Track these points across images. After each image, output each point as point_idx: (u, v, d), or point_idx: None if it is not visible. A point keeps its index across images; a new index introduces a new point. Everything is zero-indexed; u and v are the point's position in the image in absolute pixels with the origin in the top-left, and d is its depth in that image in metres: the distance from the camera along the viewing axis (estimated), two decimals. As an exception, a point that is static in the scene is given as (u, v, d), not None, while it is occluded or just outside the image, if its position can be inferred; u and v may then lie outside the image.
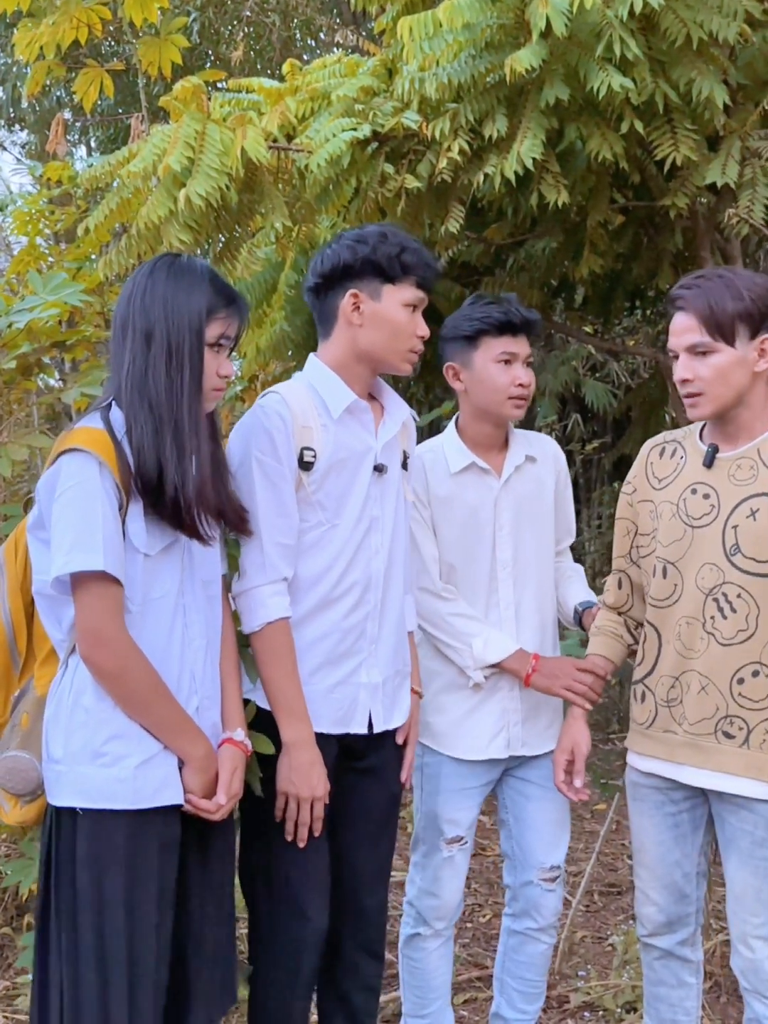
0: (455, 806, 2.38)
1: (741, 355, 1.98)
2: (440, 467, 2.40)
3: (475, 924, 3.51)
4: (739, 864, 2.04)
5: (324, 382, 2.04)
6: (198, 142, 2.79)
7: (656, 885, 2.18)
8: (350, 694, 2.03)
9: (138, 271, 1.83)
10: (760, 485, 2.00)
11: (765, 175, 2.87)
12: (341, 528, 2.01)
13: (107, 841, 1.66)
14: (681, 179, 2.99)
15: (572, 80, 2.70)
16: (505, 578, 2.37)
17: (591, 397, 6.34)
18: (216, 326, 1.79)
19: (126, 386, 1.75)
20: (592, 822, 4.45)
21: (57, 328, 2.51)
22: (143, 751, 1.70)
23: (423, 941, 2.45)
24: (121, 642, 1.68)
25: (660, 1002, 2.27)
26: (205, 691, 1.82)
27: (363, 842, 2.11)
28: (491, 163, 2.80)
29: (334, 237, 2.09)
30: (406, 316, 2.03)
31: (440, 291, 3.78)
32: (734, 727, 2.00)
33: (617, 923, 3.51)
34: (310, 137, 2.92)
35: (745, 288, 1.97)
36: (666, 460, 2.16)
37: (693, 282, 2.02)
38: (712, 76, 2.71)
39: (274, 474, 1.95)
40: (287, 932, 1.99)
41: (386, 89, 3.06)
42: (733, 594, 1.99)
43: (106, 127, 7.94)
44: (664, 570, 2.09)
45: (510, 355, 2.31)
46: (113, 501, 1.68)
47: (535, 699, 2.37)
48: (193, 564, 1.81)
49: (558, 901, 2.46)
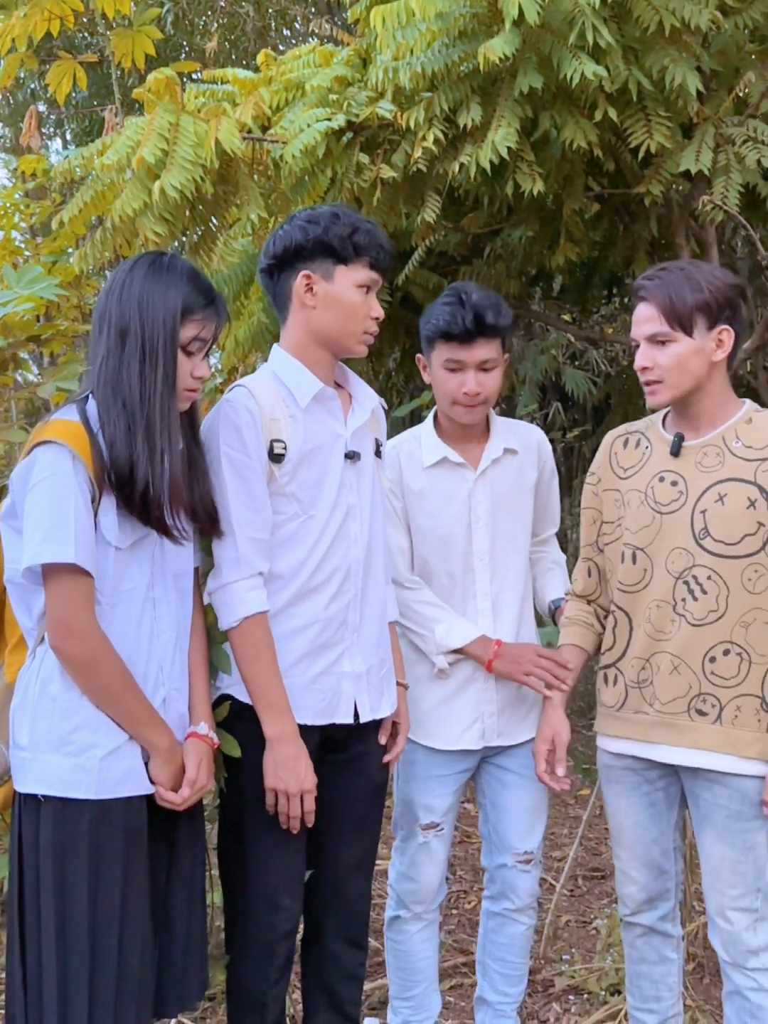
0: (430, 793, 2.40)
1: (699, 345, 2.05)
2: (416, 459, 2.41)
3: (460, 910, 3.53)
4: (715, 838, 2.09)
5: (288, 371, 2.03)
6: (172, 134, 2.78)
7: (636, 864, 2.23)
8: (333, 684, 2.03)
9: (120, 266, 1.82)
10: (727, 471, 2.06)
11: (739, 161, 2.88)
12: (317, 518, 2.00)
13: (71, 828, 1.67)
14: (656, 166, 3.00)
15: (545, 68, 2.71)
16: (482, 569, 2.37)
17: (571, 385, 6.35)
18: (191, 328, 1.79)
19: (100, 381, 1.76)
20: (576, 807, 4.49)
21: (32, 322, 2.50)
22: (109, 741, 1.72)
23: (404, 924, 2.48)
24: (90, 633, 1.69)
25: (643, 979, 2.31)
26: (173, 683, 1.83)
27: (345, 833, 2.11)
28: (466, 152, 2.80)
29: (286, 218, 2.08)
30: (360, 297, 2.02)
31: (418, 281, 3.79)
32: (707, 705, 2.06)
33: (601, 907, 3.53)
34: (284, 128, 2.91)
35: (705, 281, 2.05)
36: (630, 450, 2.23)
37: (656, 274, 2.09)
38: (685, 63, 2.72)
39: (244, 469, 1.94)
40: (261, 920, 2.00)
41: (360, 79, 3.05)
42: (703, 576, 2.05)
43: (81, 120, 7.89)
44: (633, 556, 2.15)
45: (456, 363, 2.29)
46: (86, 494, 1.69)
47: (512, 690, 2.38)
48: (165, 558, 1.82)
49: (534, 882, 2.48)
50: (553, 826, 4.25)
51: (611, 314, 6.34)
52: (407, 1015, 2.52)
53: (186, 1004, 1.90)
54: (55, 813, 1.68)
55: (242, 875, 2.01)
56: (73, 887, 1.66)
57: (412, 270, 3.62)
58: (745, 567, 2.03)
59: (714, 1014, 2.74)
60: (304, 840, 2.02)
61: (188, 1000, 1.89)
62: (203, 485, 1.90)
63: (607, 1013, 2.78)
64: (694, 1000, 2.75)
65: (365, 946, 2.23)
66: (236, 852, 2.03)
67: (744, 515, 2.03)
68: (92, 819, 1.68)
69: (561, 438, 7.10)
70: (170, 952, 1.83)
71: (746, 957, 2.09)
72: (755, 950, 2.09)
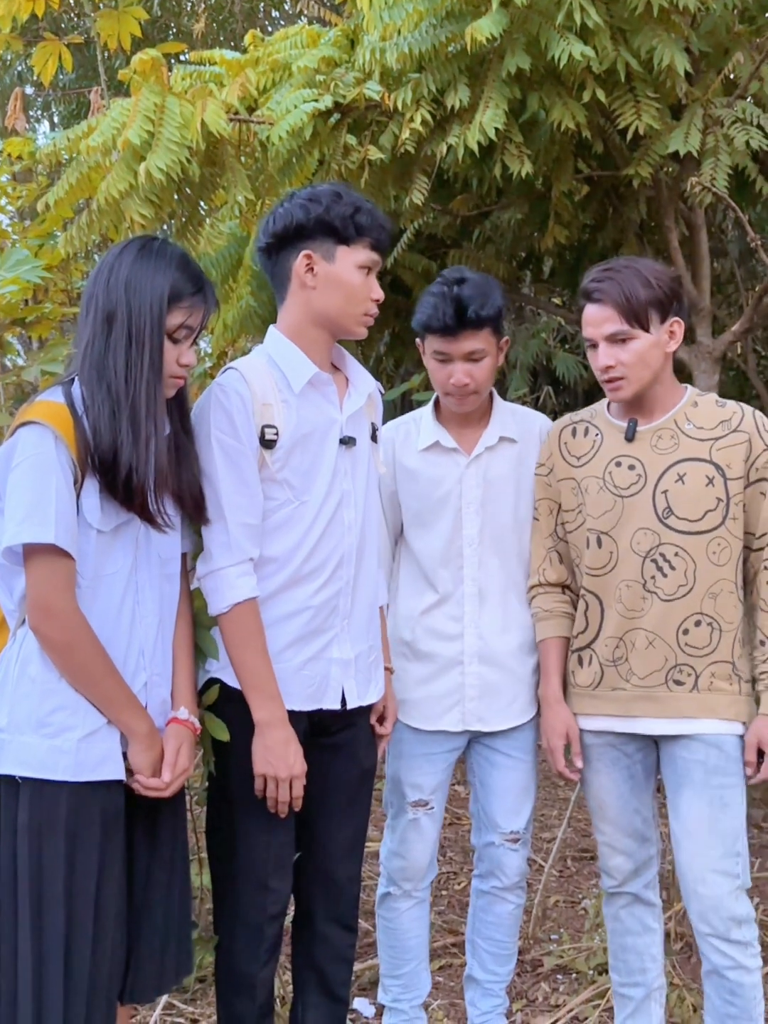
0: (418, 771, 2.41)
1: (655, 339, 2.14)
2: (412, 441, 2.41)
3: (450, 891, 3.55)
4: (692, 797, 2.14)
5: (284, 355, 2.01)
6: (157, 115, 2.77)
7: (621, 836, 2.29)
8: (321, 670, 2.02)
9: (111, 249, 1.80)
10: (683, 451, 2.16)
11: (728, 143, 2.88)
12: (310, 504, 1.98)
13: (48, 811, 1.67)
14: (644, 148, 2.99)
15: (533, 49, 2.70)
16: (471, 555, 2.37)
17: (562, 369, 6.33)
18: (178, 315, 1.77)
19: (86, 365, 1.75)
20: (565, 789, 4.51)
21: (16, 305, 2.49)
22: (87, 724, 1.71)
23: (394, 901, 2.49)
24: (70, 615, 1.69)
25: (628, 952, 2.35)
26: (155, 668, 1.83)
27: (334, 817, 2.11)
28: (454, 134, 2.80)
29: (286, 195, 2.04)
30: (360, 278, 1.99)
31: (407, 264, 3.78)
32: (683, 674, 2.16)
33: (589, 887, 3.55)
34: (271, 109, 2.90)
35: (653, 277, 2.14)
36: (579, 439, 2.29)
37: (604, 275, 2.16)
38: (673, 44, 2.71)
39: (235, 453, 1.92)
40: (251, 902, 2.00)
41: (348, 60, 3.04)
42: (671, 553, 2.15)
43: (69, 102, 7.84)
44: (598, 540, 2.22)
45: (442, 355, 2.28)
46: (68, 475, 1.68)
47: (495, 676, 2.38)
48: (150, 542, 1.81)
49: (521, 860, 2.50)
50: (542, 808, 4.27)
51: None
52: (397, 993, 2.53)
53: (162, 989, 1.91)
54: (32, 795, 1.67)
55: (231, 857, 2.01)
56: (49, 869, 1.66)
57: (401, 253, 3.61)
58: (709, 541, 2.13)
59: (701, 993, 2.76)
60: (293, 823, 2.02)
61: (165, 985, 1.90)
62: (190, 472, 1.88)
63: (595, 992, 2.79)
64: (681, 979, 2.77)
65: (355, 928, 2.24)
66: (225, 834, 2.02)
67: (704, 492, 2.13)
68: (69, 801, 1.68)
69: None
70: (148, 937, 1.82)
71: (729, 927, 2.11)
72: (737, 919, 2.11)
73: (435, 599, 2.38)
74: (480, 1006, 2.56)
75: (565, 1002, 2.80)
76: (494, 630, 2.38)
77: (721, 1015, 2.17)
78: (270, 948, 2.04)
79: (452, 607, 2.38)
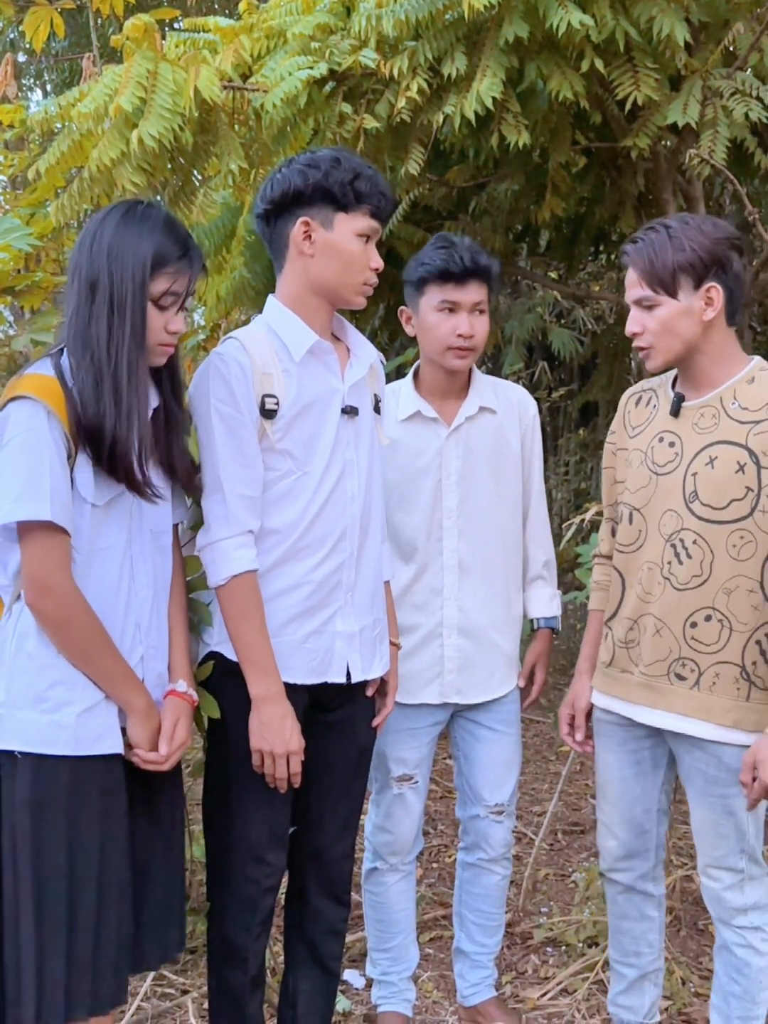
0: (402, 746, 2.41)
1: (685, 306, 1.99)
2: (391, 411, 2.38)
3: (440, 864, 3.56)
4: (697, 800, 2.10)
5: (283, 324, 1.98)
6: (150, 81, 2.73)
7: (617, 819, 2.24)
8: (325, 643, 2.00)
9: (95, 215, 1.77)
10: (720, 433, 2.01)
11: (726, 115, 2.85)
12: (312, 475, 1.96)
13: (48, 786, 1.66)
14: (643, 119, 2.97)
15: (531, 17, 2.66)
16: (450, 527, 2.36)
17: (557, 344, 6.32)
18: (162, 281, 1.73)
19: (71, 335, 1.72)
20: (556, 763, 4.52)
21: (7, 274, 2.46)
22: (85, 699, 1.70)
23: (381, 875, 2.50)
24: (66, 591, 1.67)
25: (623, 935, 2.34)
26: (151, 641, 1.82)
27: (330, 793, 2.10)
28: (451, 103, 2.77)
29: (283, 161, 2.00)
30: (359, 247, 1.95)
31: (402, 235, 3.75)
32: (686, 669, 2.04)
33: (579, 861, 3.57)
34: (265, 76, 2.86)
35: (688, 239, 1.98)
36: (641, 408, 2.19)
37: (639, 235, 2.05)
38: (673, 14, 2.68)
39: (235, 424, 1.89)
40: (246, 875, 2.00)
41: (343, 27, 2.99)
42: (689, 540, 2.02)
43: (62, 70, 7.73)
44: (631, 516, 2.13)
45: (451, 304, 2.27)
46: (61, 450, 1.66)
47: (474, 649, 2.38)
48: (142, 515, 1.80)
49: (506, 832, 2.51)
50: (533, 781, 4.28)
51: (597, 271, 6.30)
52: (385, 966, 2.55)
53: (167, 956, 1.91)
54: (32, 770, 1.67)
55: (228, 830, 2.00)
56: (50, 844, 1.65)
57: (396, 225, 3.58)
58: (730, 532, 1.99)
59: (690, 966, 2.78)
60: (290, 797, 2.01)
61: (169, 952, 1.90)
62: (181, 441, 1.86)
63: (584, 965, 2.81)
64: (671, 952, 2.78)
65: (348, 903, 2.25)
66: (222, 808, 2.01)
67: (732, 479, 1.98)
68: (69, 776, 1.67)
69: (547, 397, 7.08)
70: (151, 907, 1.83)
71: (731, 915, 2.10)
72: (740, 908, 2.09)
73: (415, 571, 2.37)
74: (469, 978, 2.57)
75: (554, 975, 2.81)
76: (475, 603, 2.37)
77: (726, 992, 2.15)
78: (263, 921, 2.04)
79: (431, 578, 2.37)
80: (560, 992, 2.73)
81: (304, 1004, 2.17)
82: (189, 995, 2.61)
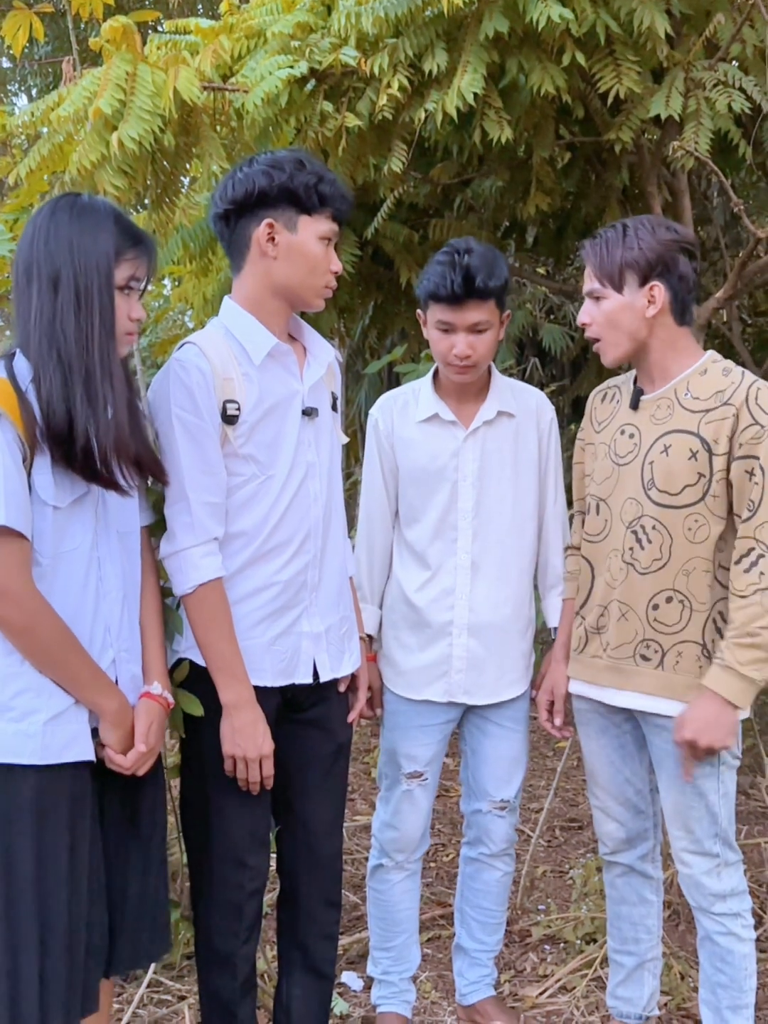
0: (413, 742, 2.42)
1: (629, 301, 2.11)
2: (410, 412, 2.41)
3: (439, 863, 3.56)
4: (667, 784, 2.15)
5: (241, 327, 1.97)
6: (129, 83, 2.70)
7: (613, 803, 2.30)
8: (292, 645, 2.00)
9: (38, 212, 1.75)
10: (674, 423, 2.12)
11: (710, 106, 2.83)
12: (275, 478, 1.96)
13: (15, 795, 1.65)
14: (626, 112, 2.95)
15: (511, 12, 2.64)
16: (465, 528, 2.36)
17: (548, 340, 6.31)
18: (125, 268, 1.74)
19: (34, 335, 1.69)
20: (554, 759, 4.52)
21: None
22: (53, 706, 1.69)
23: (386, 873, 2.51)
24: (28, 597, 1.65)
25: (622, 921, 2.36)
26: (122, 644, 1.80)
27: (312, 793, 2.10)
28: (432, 99, 2.75)
29: (243, 161, 1.99)
30: (322, 250, 1.96)
31: (387, 234, 3.73)
32: (650, 650, 2.14)
33: (577, 857, 3.57)
34: (245, 76, 2.84)
35: (639, 239, 2.10)
36: (606, 405, 2.30)
37: (599, 232, 2.17)
38: (654, 6, 2.66)
39: (197, 431, 1.88)
40: (228, 880, 1.99)
41: (323, 25, 2.97)
42: (649, 526, 2.13)
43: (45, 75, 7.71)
44: (597, 507, 2.24)
45: (446, 325, 2.27)
46: (15, 454, 1.64)
47: (484, 649, 2.38)
48: (108, 516, 1.78)
49: (509, 828, 2.52)
50: (531, 778, 4.28)
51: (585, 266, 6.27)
52: (387, 966, 2.54)
53: (137, 964, 1.92)
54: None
55: (207, 834, 2.00)
56: (19, 855, 1.64)
57: (382, 223, 3.56)
58: (686, 516, 2.09)
59: (688, 960, 2.77)
60: (268, 799, 2.01)
61: (139, 960, 1.90)
62: (144, 433, 1.85)
63: (583, 962, 2.81)
64: (669, 947, 2.77)
65: (339, 905, 2.24)
66: (200, 812, 2.01)
67: (685, 466, 2.08)
68: (36, 785, 1.65)
69: (539, 393, 7.05)
70: (123, 915, 1.82)
71: (711, 902, 2.14)
72: (719, 894, 2.13)
73: (430, 570, 2.38)
74: (468, 976, 2.57)
75: (553, 972, 2.81)
76: (487, 604, 2.37)
77: (712, 983, 2.18)
78: (250, 925, 2.03)
79: (444, 578, 2.38)
80: (559, 990, 2.73)
81: (299, 1008, 2.17)
82: (185, 1001, 2.60)
